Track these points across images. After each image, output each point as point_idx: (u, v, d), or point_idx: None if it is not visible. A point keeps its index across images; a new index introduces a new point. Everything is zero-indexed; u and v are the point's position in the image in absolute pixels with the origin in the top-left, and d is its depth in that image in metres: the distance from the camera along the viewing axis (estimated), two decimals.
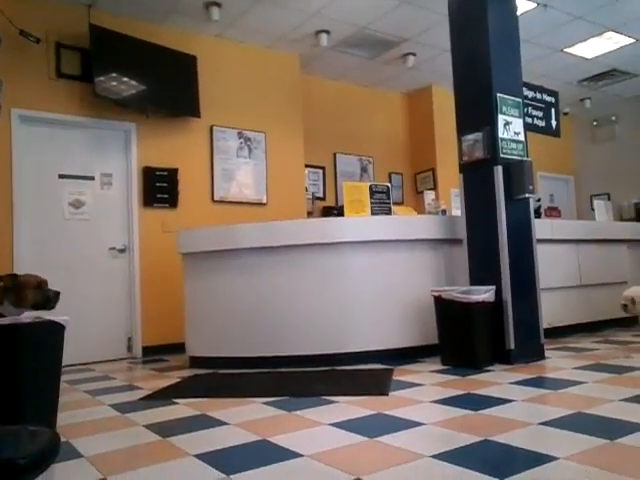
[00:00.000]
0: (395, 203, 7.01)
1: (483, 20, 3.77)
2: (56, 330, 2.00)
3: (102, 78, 4.87)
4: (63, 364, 3.62)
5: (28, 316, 2.08)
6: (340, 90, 7.20)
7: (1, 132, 4.45)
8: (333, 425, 2.30)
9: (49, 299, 2.58)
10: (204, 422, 2.48)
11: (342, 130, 7.16)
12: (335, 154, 7.18)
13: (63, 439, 2.24)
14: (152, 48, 5.23)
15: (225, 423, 2.43)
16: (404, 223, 4.11)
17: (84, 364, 4.67)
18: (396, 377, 3.28)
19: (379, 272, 3.97)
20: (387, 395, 2.83)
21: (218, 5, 5.15)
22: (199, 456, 1.97)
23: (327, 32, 5.81)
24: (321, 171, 7.06)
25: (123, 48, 5.07)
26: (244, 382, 3.49)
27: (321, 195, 6.99)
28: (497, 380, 3.05)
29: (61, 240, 4.85)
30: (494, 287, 3.58)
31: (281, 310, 3.94)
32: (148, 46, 5.21)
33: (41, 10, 4.86)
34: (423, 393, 2.84)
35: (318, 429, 2.27)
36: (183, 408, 2.80)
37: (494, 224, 3.66)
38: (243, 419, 2.49)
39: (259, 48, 6.13)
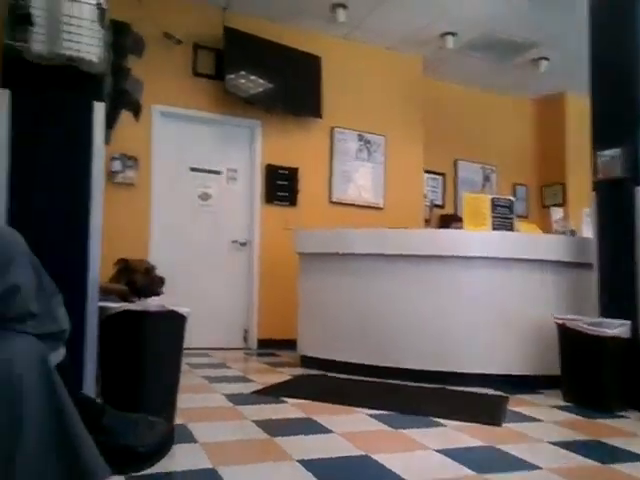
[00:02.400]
0: (518, 216, 6.62)
1: (632, 19, 3.37)
2: (179, 320, 2.09)
3: (232, 76, 5.10)
4: (186, 346, 3.83)
5: (153, 305, 2.21)
6: (464, 94, 6.93)
7: (143, 127, 4.79)
8: (439, 451, 2.18)
9: (154, 283, 2.78)
10: (309, 426, 2.49)
11: (465, 136, 6.90)
12: (456, 161, 6.94)
13: (181, 421, 2.36)
14: (279, 48, 5.38)
15: (329, 431, 2.42)
16: (528, 241, 3.84)
17: (204, 349, 4.91)
18: (511, 407, 3.05)
19: (497, 291, 3.75)
20: (500, 426, 2.62)
21: (344, 7, 5.17)
22: (302, 462, 1.97)
23: (453, 34, 5.62)
24: (441, 178, 6.86)
25: (253, 48, 5.26)
26: (351, 389, 3.46)
27: (440, 202, 6.79)
28: (634, 430, 2.68)
29: (189, 229, 5.16)
30: (629, 322, 3.22)
31: (392, 320, 3.86)
32: (276, 46, 5.36)
33: (182, 14, 5.17)
34: (541, 430, 2.60)
35: (423, 453, 2.17)
36: (291, 408, 2.84)
37: (631, 252, 3.27)
38: (347, 429, 2.46)
39: (382, 50, 6.07)
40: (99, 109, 2.03)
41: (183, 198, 5.17)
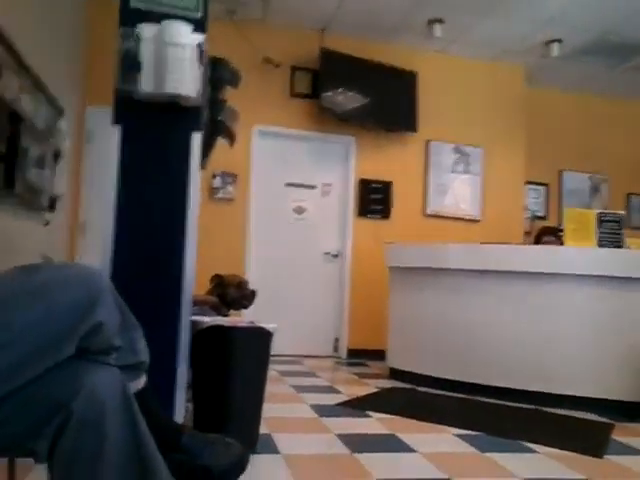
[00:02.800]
0: (634, 228, 6.16)
1: None
2: (266, 337, 2.21)
3: (329, 94, 5.25)
4: (278, 353, 4.00)
5: (241, 320, 2.36)
6: (571, 102, 6.56)
7: (243, 145, 5.07)
8: None
9: (246, 297, 2.98)
10: (393, 444, 2.50)
11: (571, 145, 6.53)
12: (561, 171, 6.59)
13: (266, 431, 2.48)
14: (374, 66, 5.45)
15: (413, 450, 2.42)
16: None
17: (296, 356, 5.10)
18: (616, 436, 2.82)
19: (601, 311, 3.53)
20: (601, 457, 2.41)
21: (441, 21, 5.13)
22: None
23: (559, 41, 5.36)
24: (543, 188, 6.55)
25: (348, 67, 5.38)
26: (439, 405, 3.42)
27: (542, 214, 6.48)
28: None
29: (283, 242, 5.37)
30: None
31: (485, 336, 3.76)
32: (370, 64, 5.44)
33: (281, 37, 5.41)
34: None
35: None
36: (375, 423, 2.87)
37: None
38: (432, 449, 2.44)
39: (481, 62, 5.93)
40: (196, 139, 2.22)
41: (279, 212, 5.40)
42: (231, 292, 2.94)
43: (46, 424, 0.92)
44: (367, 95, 5.40)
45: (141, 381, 1.19)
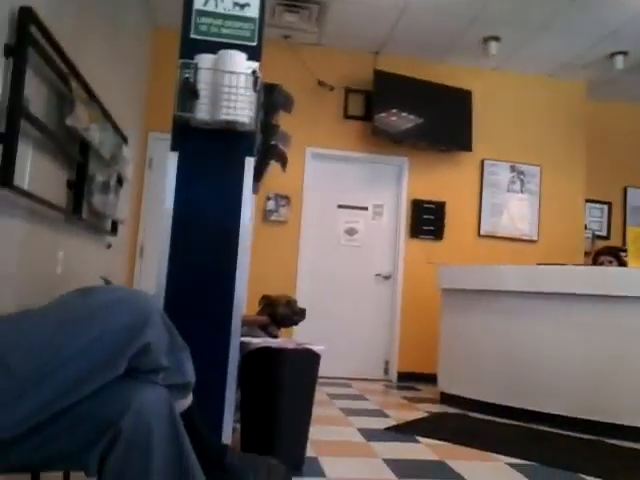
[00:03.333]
0: None
1: None
2: (314, 358, 2.23)
3: (383, 115, 5.28)
4: (328, 375, 3.99)
5: (290, 342, 2.39)
6: (636, 115, 6.31)
7: (297, 168, 5.16)
8: None
9: (295, 314, 3.04)
10: (442, 471, 2.46)
11: (636, 160, 6.26)
12: (626, 188, 6.32)
13: (313, 454, 2.49)
14: (428, 86, 5.44)
15: (463, 478, 2.36)
16: None
17: (345, 379, 5.08)
18: None
19: None
20: None
21: (497, 39, 5.08)
22: None
23: (624, 53, 5.19)
24: (606, 207, 6.30)
25: (401, 88, 5.39)
26: (491, 432, 3.32)
27: (604, 233, 6.23)
28: None
29: (335, 263, 5.40)
30: None
31: (541, 361, 3.64)
32: (424, 84, 5.43)
33: (335, 60, 5.50)
34: None
35: None
36: (424, 449, 2.82)
37: None
38: (483, 478, 2.38)
39: (538, 78, 5.81)
40: (249, 163, 2.29)
41: (330, 233, 5.44)
42: (281, 310, 2.99)
43: (96, 441, 0.98)
44: (421, 115, 5.40)
45: (187, 401, 1.24)
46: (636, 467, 2.77)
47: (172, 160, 2.19)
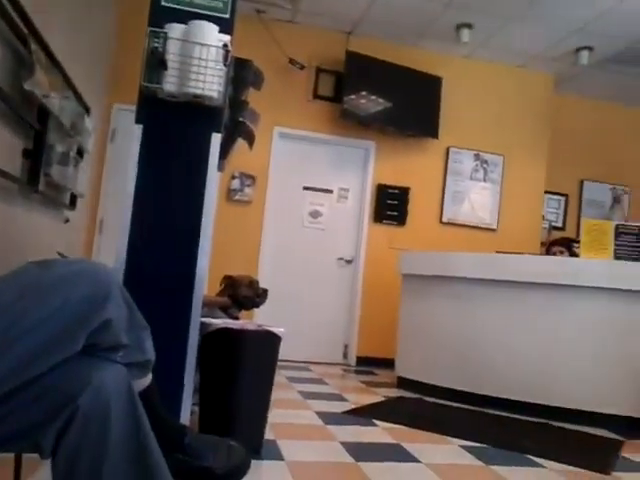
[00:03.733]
0: None
1: None
2: (274, 341, 2.22)
3: (351, 97, 5.25)
4: (288, 359, 3.97)
5: (250, 323, 2.36)
6: (597, 111, 6.46)
7: (263, 147, 5.08)
8: None
9: (258, 295, 3.00)
10: (397, 453, 2.49)
11: (594, 155, 6.44)
12: (582, 181, 6.51)
13: (271, 437, 2.48)
14: (399, 70, 5.43)
15: (417, 460, 2.41)
16: None
17: (305, 362, 5.09)
18: (625, 453, 2.79)
19: (612, 325, 3.48)
20: (609, 474, 2.39)
21: (470, 26, 5.09)
22: None
23: (590, 49, 5.29)
24: (563, 199, 6.48)
25: (372, 70, 5.36)
26: (446, 416, 3.40)
27: (560, 225, 6.41)
28: None
29: (298, 245, 5.37)
30: None
31: (495, 347, 3.73)
32: (395, 68, 5.41)
33: (307, 39, 5.41)
34: None
35: None
36: (381, 432, 2.86)
37: None
38: (436, 460, 2.43)
39: (507, 68, 5.88)
40: (216, 140, 2.23)
41: (295, 215, 5.40)
42: (242, 291, 2.95)
43: (52, 418, 0.95)
44: (390, 100, 5.38)
45: (147, 380, 1.21)
46: (578, 446, 2.89)
47: (137, 132, 2.11)
